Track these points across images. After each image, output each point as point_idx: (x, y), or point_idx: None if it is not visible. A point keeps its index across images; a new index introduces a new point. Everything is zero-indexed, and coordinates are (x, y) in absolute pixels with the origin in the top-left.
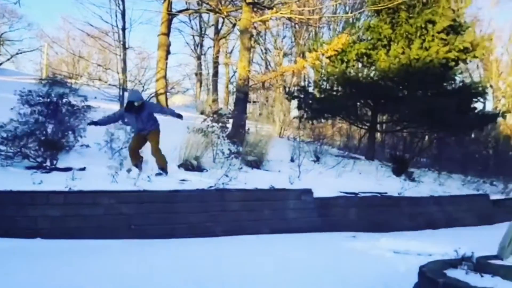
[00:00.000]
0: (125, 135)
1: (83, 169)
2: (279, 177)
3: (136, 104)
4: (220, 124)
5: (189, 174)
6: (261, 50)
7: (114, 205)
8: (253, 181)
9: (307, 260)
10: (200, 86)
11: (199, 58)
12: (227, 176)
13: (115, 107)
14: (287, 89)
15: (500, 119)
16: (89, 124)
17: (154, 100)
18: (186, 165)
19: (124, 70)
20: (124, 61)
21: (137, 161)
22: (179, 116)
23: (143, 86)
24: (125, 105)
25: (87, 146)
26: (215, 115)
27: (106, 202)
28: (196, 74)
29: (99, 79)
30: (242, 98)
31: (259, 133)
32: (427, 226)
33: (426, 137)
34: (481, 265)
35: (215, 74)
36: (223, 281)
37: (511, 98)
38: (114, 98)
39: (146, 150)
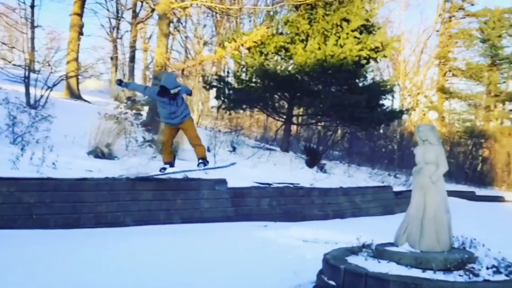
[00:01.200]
0: (29, 118)
1: None
2: (194, 167)
3: (172, 92)
4: (134, 111)
5: (99, 162)
6: (181, 38)
7: (14, 193)
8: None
9: (217, 249)
10: (116, 71)
11: (114, 41)
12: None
13: (20, 89)
14: (206, 78)
15: (405, 116)
16: (117, 83)
17: (64, 83)
18: (96, 153)
19: (31, 49)
20: (32, 40)
21: (170, 158)
22: (191, 92)
23: (51, 68)
24: (158, 89)
25: None
26: (129, 102)
27: (5, 190)
28: (111, 58)
29: (3, 59)
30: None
31: None
32: (336, 216)
33: (339, 131)
34: (379, 252)
35: (132, 59)
36: (125, 272)
37: (416, 97)
38: (18, 79)
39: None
